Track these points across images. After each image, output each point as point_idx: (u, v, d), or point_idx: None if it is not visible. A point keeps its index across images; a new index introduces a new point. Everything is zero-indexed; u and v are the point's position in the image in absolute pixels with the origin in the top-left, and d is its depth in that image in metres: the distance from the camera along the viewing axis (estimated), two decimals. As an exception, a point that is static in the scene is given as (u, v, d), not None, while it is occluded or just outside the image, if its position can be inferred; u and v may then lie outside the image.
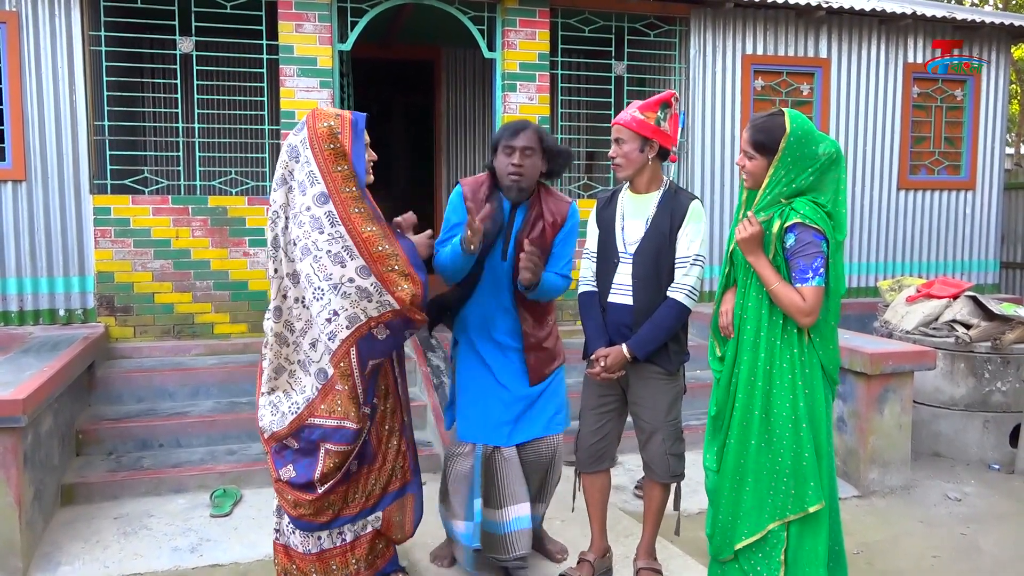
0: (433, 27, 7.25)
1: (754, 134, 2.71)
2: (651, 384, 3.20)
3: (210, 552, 3.71)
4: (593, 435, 3.32)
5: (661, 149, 3.16)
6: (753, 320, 2.75)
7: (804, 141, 2.66)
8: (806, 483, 2.68)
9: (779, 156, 2.66)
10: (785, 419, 2.70)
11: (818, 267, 2.63)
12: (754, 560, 2.77)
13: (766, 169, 2.70)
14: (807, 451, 2.68)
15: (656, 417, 3.20)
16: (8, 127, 5.37)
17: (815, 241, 2.63)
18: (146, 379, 5.11)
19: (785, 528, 2.73)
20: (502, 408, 3.28)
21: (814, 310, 2.64)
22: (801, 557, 2.73)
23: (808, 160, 2.66)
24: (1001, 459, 5.11)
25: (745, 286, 2.78)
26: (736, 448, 2.79)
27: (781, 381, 2.70)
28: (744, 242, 2.69)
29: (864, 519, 4.26)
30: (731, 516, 2.82)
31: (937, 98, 7.44)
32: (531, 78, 6.08)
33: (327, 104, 5.68)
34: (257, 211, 5.67)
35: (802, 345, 2.71)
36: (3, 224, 5.40)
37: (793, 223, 2.64)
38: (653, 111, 3.13)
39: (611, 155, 3.21)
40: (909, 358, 4.66)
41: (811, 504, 2.68)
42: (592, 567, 3.36)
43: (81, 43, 5.44)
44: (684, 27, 6.68)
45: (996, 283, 7.81)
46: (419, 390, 5.34)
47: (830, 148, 2.70)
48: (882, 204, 7.33)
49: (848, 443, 4.72)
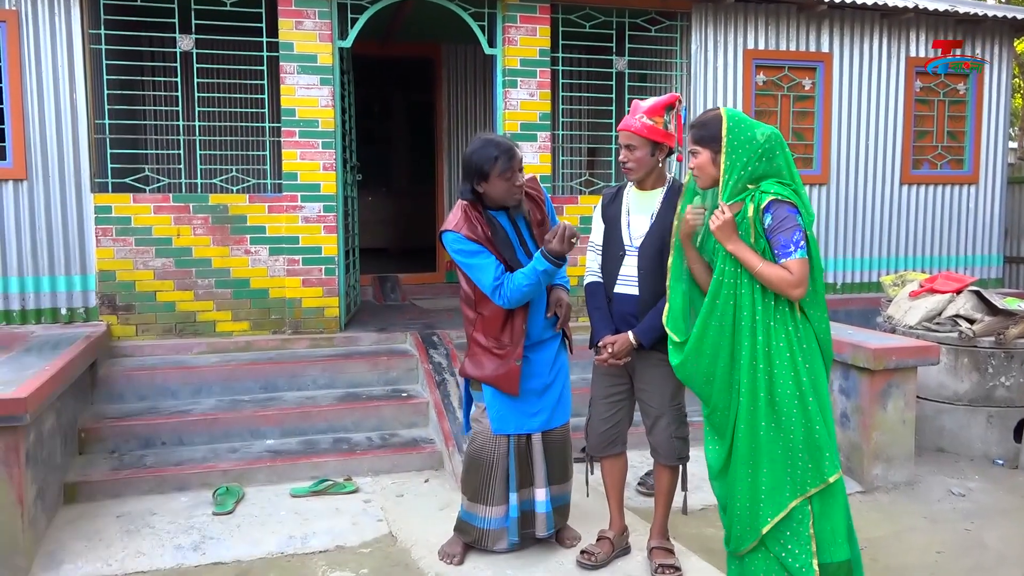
0: (433, 23, 7.24)
1: (693, 131, 2.88)
2: (656, 371, 3.32)
3: (213, 550, 3.71)
4: (604, 423, 3.46)
5: (668, 150, 3.30)
6: (747, 306, 2.79)
7: (742, 126, 2.79)
8: (821, 454, 2.72)
9: (725, 142, 2.77)
10: (791, 396, 2.74)
11: (798, 240, 2.71)
12: (783, 540, 2.77)
13: (711, 161, 2.83)
14: (817, 423, 2.72)
15: (662, 402, 3.34)
16: (9, 126, 5.36)
17: (791, 215, 2.73)
18: (148, 377, 5.11)
19: (808, 503, 2.75)
20: (535, 399, 3.44)
21: (802, 281, 2.71)
22: (824, 535, 2.75)
23: (751, 144, 2.76)
24: (1005, 454, 5.10)
25: (735, 275, 2.80)
26: (747, 433, 2.81)
27: (781, 360, 2.75)
28: (719, 230, 2.76)
29: (868, 515, 4.25)
30: (751, 502, 2.82)
31: (940, 92, 7.42)
32: (532, 74, 6.06)
33: (327, 101, 5.67)
34: (258, 208, 5.67)
35: (796, 322, 2.78)
36: (4, 223, 5.40)
37: (768, 202, 2.73)
38: (660, 115, 3.24)
39: (622, 159, 3.32)
40: (913, 353, 4.65)
41: (830, 474, 2.72)
42: (612, 544, 3.51)
43: (81, 41, 5.43)
44: (685, 22, 6.66)
45: (1000, 278, 7.79)
46: (420, 387, 5.34)
47: (768, 130, 2.81)
48: (885, 199, 7.31)
49: (852, 438, 4.71)
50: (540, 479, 3.47)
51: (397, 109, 12.34)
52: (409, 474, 4.59)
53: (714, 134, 2.79)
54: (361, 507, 4.17)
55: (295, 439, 4.84)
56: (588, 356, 3.59)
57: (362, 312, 6.91)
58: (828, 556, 2.74)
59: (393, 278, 8.09)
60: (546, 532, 3.51)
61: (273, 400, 5.13)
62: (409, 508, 4.16)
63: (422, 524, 3.93)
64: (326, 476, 4.47)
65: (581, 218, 6.12)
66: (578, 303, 6.25)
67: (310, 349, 5.67)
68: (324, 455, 4.61)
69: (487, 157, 3.21)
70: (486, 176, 3.23)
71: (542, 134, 6.11)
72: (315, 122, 5.67)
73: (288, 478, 4.45)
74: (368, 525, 3.97)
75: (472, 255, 3.28)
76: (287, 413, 4.91)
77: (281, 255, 5.70)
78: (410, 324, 6.27)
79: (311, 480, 4.43)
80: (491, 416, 3.42)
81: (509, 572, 3.43)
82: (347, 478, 4.47)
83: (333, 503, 4.21)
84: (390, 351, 5.69)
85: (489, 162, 3.21)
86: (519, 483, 3.45)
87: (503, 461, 3.43)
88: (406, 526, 3.94)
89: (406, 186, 12.14)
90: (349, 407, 5.03)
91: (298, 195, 5.68)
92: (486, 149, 3.22)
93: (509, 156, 3.22)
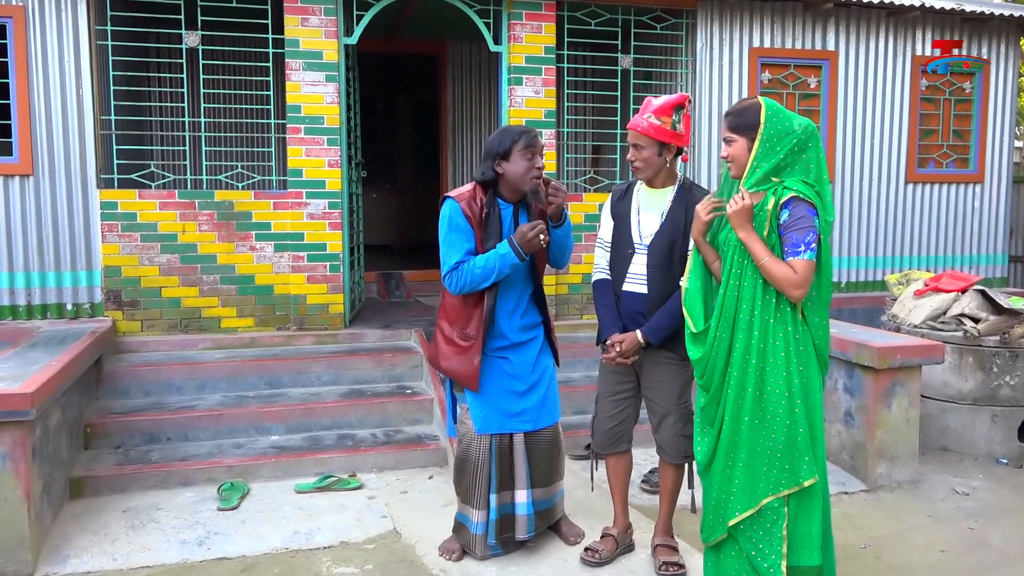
0: (439, 21, 7.24)
1: (731, 119, 2.83)
2: (664, 369, 3.33)
3: (217, 545, 3.72)
4: (610, 420, 3.46)
5: (677, 150, 3.29)
6: (748, 300, 2.79)
7: (779, 116, 2.76)
8: (800, 458, 2.72)
9: (761, 130, 2.74)
10: (779, 396, 2.73)
11: (810, 241, 2.69)
12: (755, 538, 2.78)
13: (747, 149, 2.79)
14: (801, 427, 2.72)
15: (669, 400, 3.34)
16: (15, 121, 5.37)
17: (808, 215, 2.70)
18: (153, 373, 5.12)
19: (784, 504, 2.75)
20: (517, 399, 3.43)
21: (805, 283, 2.69)
22: (796, 538, 2.75)
23: (786, 134, 2.74)
24: (1009, 453, 5.09)
25: (741, 267, 2.80)
26: (730, 426, 2.82)
27: (775, 359, 2.74)
28: (735, 215, 2.75)
29: (872, 513, 4.25)
30: (724, 493, 2.84)
31: (945, 91, 7.40)
32: (537, 72, 6.06)
33: (333, 98, 5.67)
34: (263, 205, 5.68)
35: (795, 324, 2.76)
36: (11, 218, 5.42)
37: (789, 198, 2.71)
38: (668, 115, 3.21)
39: (630, 158, 3.31)
40: (917, 352, 4.64)
41: (805, 478, 2.71)
42: (616, 541, 3.52)
43: (87, 37, 5.44)
44: (691, 20, 6.65)
45: (1004, 277, 7.77)
46: (425, 383, 5.35)
47: (804, 122, 2.79)
48: (890, 197, 7.30)
49: (856, 437, 4.70)
50: (521, 481, 3.46)
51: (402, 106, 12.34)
52: (413, 470, 4.60)
53: (751, 122, 2.76)
54: (365, 503, 4.19)
55: (299, 435, 4.85)
56: (595, 353, 3.59)
57: (366, 309, 6.92)
58: (798, 559, 2.74)
59: (397, 275, 8.10)
60: (526, 535, 3.48)
61: (278, 396, 5.14)
62: (413, 504, 4.16)
63: (426, 520, 3.94)
64: (330, 472, 4.48)
65: (585, 215, 6.13)
66: (583, 300, 6.29)
67: (315, 345, 5.68)
68: (328, 451, 4.62)
69: (511, 135, 3.29)
70: (507, 153, 3.27)
71: (547, 131, 6.10)
72: (320, 119, 5.68)
73: (292, 474, 4.46)
74: (372, 521, 3.98)
75: (454, 230, 3.31)
76: (292, 409, 4.92)
77: (286, 251, 5.72)
78: (415, 321, 6.28)
79: (315, 476, 4.44)
80: (473, 416, 3.43)
81: (513, 568, 3.44)
82: (351, 474, 4.48)
83: (337, 499, 4.23)
84: (394, 348, 5.70)
85: (511, 139, 3.27)
86: (499, 485, 3.44)
87: (487, 462, 3.42)
88: (410, 522, 3.95)
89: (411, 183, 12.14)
90: (353, 403, 5.04)
91: (303, 191, 5.69)
92: (509, 130, 3.32)
93: (531, 135, 3.29)
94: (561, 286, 6.23)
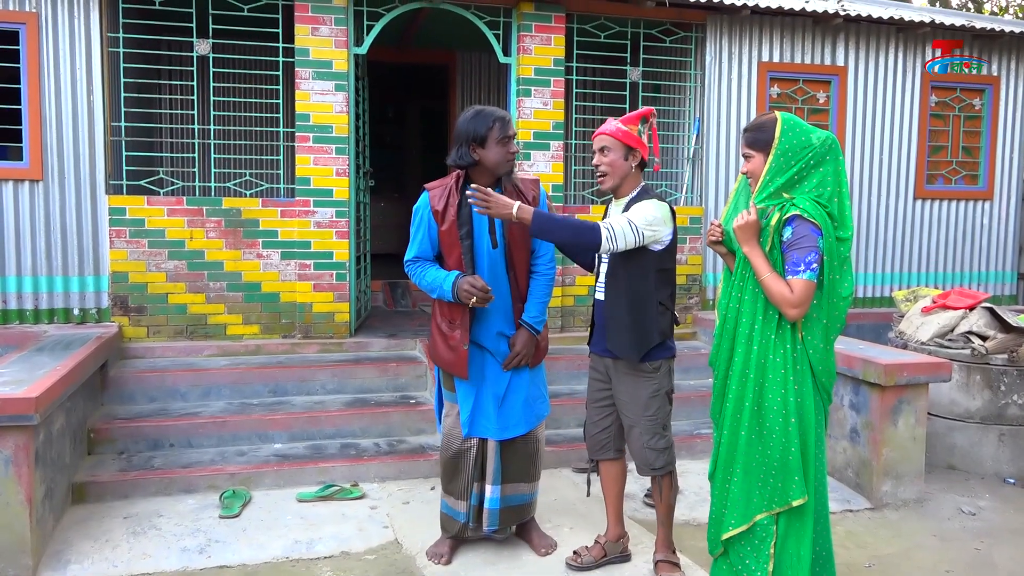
0: (449, 31, 7.27)
1: (748, 135, 2.84)
2: (628, 380, 3.36)
3: (218, 553, 3.71)
4: (595, 426, 3.52)
5: (641, 160, 3.33)
6: (748, 314, 2.79)
7: (796, 131, 2.75)
8: (790, 476, 2.71)
9: (775, 145, 2.74)
10: (776, 412, 2.73)
11: (811, 261, 2.67)
12: (743, 554, 2.77)
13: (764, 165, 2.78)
14: (794, 445, 2.71)
15: (635, 412, 3.35)
16: (26, 127, 5.41)
17: (811, 235, 2.68)
18: (158, 379, 5.13)
19: (775, 522, 2.73)
20: (494, 406, 3.51)
21: (801, 303, 2.67)
22: (784, 558, 2.73)
23: (803, 148, 2.73)
24: (1017, 473, 5.05)
25: (743, 279, 2.80)
26: (728, 440, 2.82)
27: (774, 375, 2.74)
28: (740, 229, 2.75)
29: (877, 532, 4.22)
30: (720, 507, 2.83)
31: (955, 107, 7.38)
32: (546, 83, 6.08)
33: (342, 107, 5.69)
34: (271, 213, 5.69)
35: (795, 343, 2.75)
36: (19, 223, 5.44)
37: (792, 215, 2.70)
38: (634, 124, 3.33)
39: (595, 163, 3.35)
40: (924, 369, 4.61)
41: (794, 498, 2.70)
42: (603, 549, 3.54)
43: (99, 44, 5.48)
44: (700, 33, 6.66)
45: (1013, 294, 7.73)
46: (429, 394, 5.34)
47: (823, 135, 2.78)
48: (898, 214, 7.27)
49: (861, 455, 4.67)
50: (491, 475, 3.51)
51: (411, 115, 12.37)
52: (415, 481, 4.59)
53: (768, 138, 2.76)
54: (367, 513, 4.17)
55: (303, 443, 4.85)
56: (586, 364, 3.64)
57: (372, 318, 6.92)
58: None
59: (404, 284, 8.10)
60: (489, 528, 3.56)
61: (282, 404, 5.14)
62: (415, 515, 4.15)
63: (427, 531, 3.92)
64: (333, 481, 4.47)
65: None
66: (587, 313, 6.27)
67: (320, 354, 5.68)
68: (331, 460, 4.61)
69: (485, 122, 3.33)
70: (483, 141, 3.33)
71: (555, 143, 6.12)
72: (329, 128, 5.70)
73: (295, 482, 4.45)
74: (374, 531, 3.97)
75: (419, 226, 3.47)
76: (295, 417, 4.92)
77: (293, 259, 5.73)
78: (420, 330, 6.28)
79: (318, 485, 4.44)
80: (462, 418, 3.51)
81: None
82: (354, 484, 4.47)
83: (339, 509, 4.21)
84: (399, 357, 5.70)
85: (487, 127, 3.32)
86: (474, 477, 3.54)
87: (466, 454, 3.51)
88: (411, 533, 3.93)
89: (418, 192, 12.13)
90: (357, 412, 5.03)
91: (311, 200, 5.71)
92: (483, 115, 3.36)
93: (505, 122, 3.36)
94: (567, 298, 6.23)
